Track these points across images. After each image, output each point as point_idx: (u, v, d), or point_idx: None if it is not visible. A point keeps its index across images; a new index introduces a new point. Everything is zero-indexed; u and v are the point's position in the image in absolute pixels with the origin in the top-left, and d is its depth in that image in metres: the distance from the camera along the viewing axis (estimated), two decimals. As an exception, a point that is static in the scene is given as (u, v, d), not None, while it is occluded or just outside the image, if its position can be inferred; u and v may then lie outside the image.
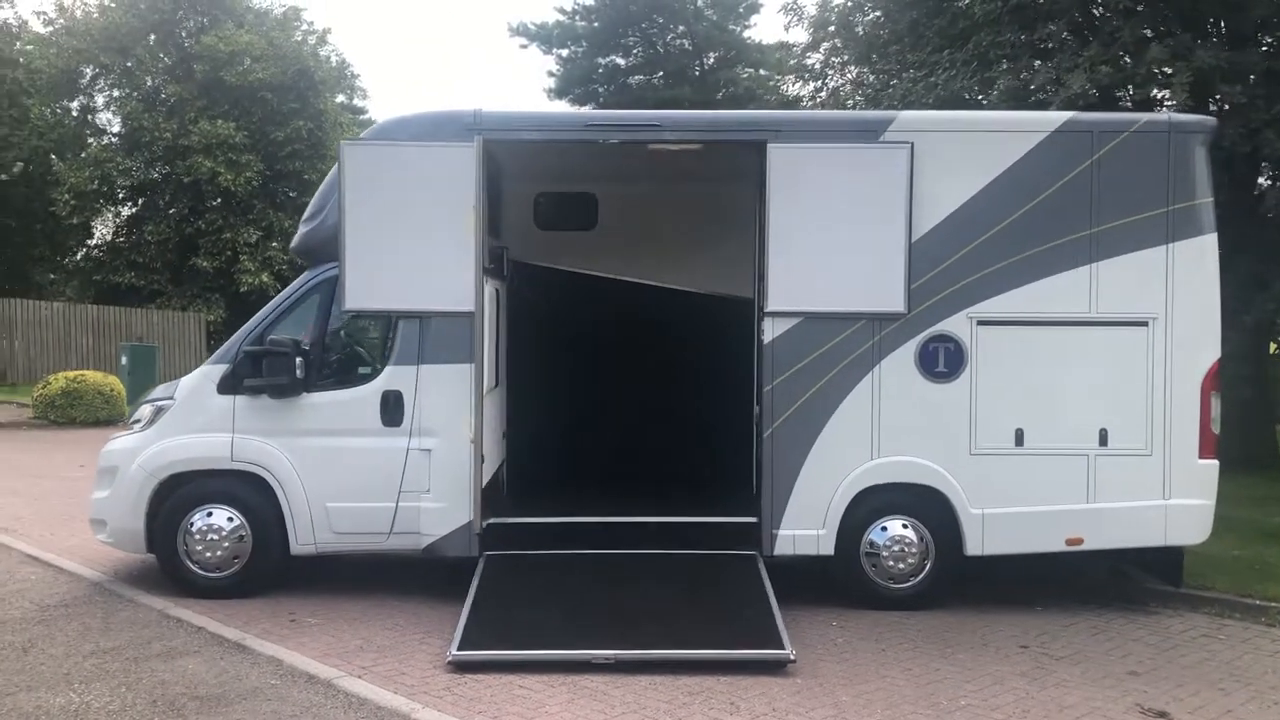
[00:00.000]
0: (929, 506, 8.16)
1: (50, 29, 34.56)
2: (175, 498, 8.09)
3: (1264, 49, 10.92)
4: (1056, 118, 8.36)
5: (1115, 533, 8.15)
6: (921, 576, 8.20)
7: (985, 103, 12.57)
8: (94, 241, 35.82)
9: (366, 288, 7.97)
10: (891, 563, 8.18)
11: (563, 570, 7.87)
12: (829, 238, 8.04)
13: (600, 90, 35.64)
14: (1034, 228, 8.11)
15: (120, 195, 33.52)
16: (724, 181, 9.47)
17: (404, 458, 8.03)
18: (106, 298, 32.09)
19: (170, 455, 8.10)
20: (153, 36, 34.14)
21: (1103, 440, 8.10)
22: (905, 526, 8.20)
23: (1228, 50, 10.52)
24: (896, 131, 8.08)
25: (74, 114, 35.54)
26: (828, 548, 8.12)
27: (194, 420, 8.16)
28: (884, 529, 8.20)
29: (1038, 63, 11.56)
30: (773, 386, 8.11)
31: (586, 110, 8.31)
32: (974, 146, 8.14)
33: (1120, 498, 8.12)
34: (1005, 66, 11.78)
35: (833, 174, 8.04)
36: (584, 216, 10.31)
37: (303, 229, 8.47)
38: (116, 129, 35.06)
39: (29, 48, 34.28)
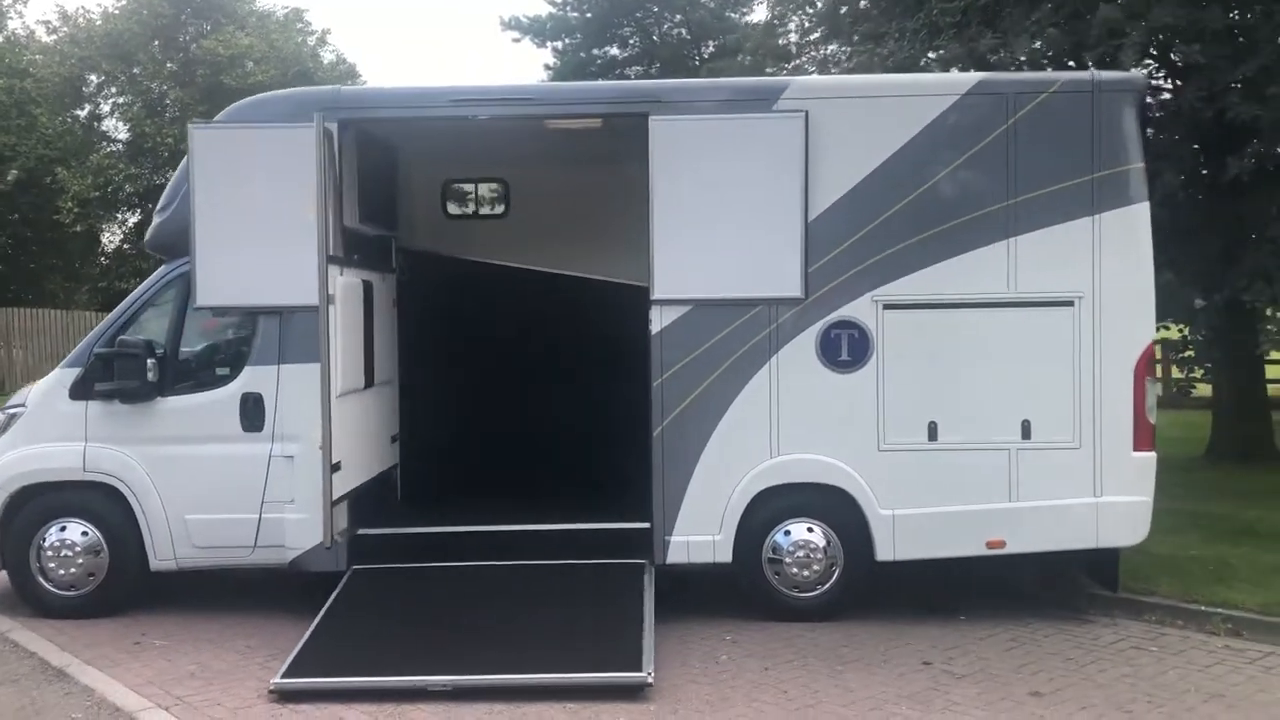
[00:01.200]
0: (835, 508, 7.46)
1: (54, 37, 34.56)
2: (27, 511, 7.59)
3: (1226, 6, 10.04)
4: (967, 79, 7.63)
5: (1041, 534, 7.41)
6: (830, 585, 7.51)
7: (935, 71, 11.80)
8: (101, 249, 35.79)
9: (219, 283, 7.42)
10: (796, 570, 7.49)
11: (430, 585, 7.29)
12: (719, 218, 7.37)
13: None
14: (944, 201, 7.39)
15: (124, 202, 33.40)
16: (640, 162, 8.81)
17: (266, 465, 7.49)
18: (114, 305, 31.92)
19: (20, 466, 7.60)
20: (156, 43, 33.97)
21: (1025, 433, 7.36)
22: (810, 530, 7.51)
23: (1186, 8, 9.66)
24: (791, 99, 7.39)
25: (81, 122, 35.50)
26: (725, 555, 7.44)
27: (45, 429, 7.65)
28: (787, 533, 7.51)
29: (987, 29, 10.78)
30: (662, 381, 7.46)
31: (453, 85, 7.83)
32: (877, 114, 7.43)
33: (1046, 496, 7.38)
34: (953, 33, 11.01)
35: (721, 148, 7.36)
36: (495, 204, 9.73)
37: (156, 220, 7.94)
38: (123, 136, 34.98)
39: (37, 57, 34.28)
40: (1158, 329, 12.60)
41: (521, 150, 9.12)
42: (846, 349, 7.41)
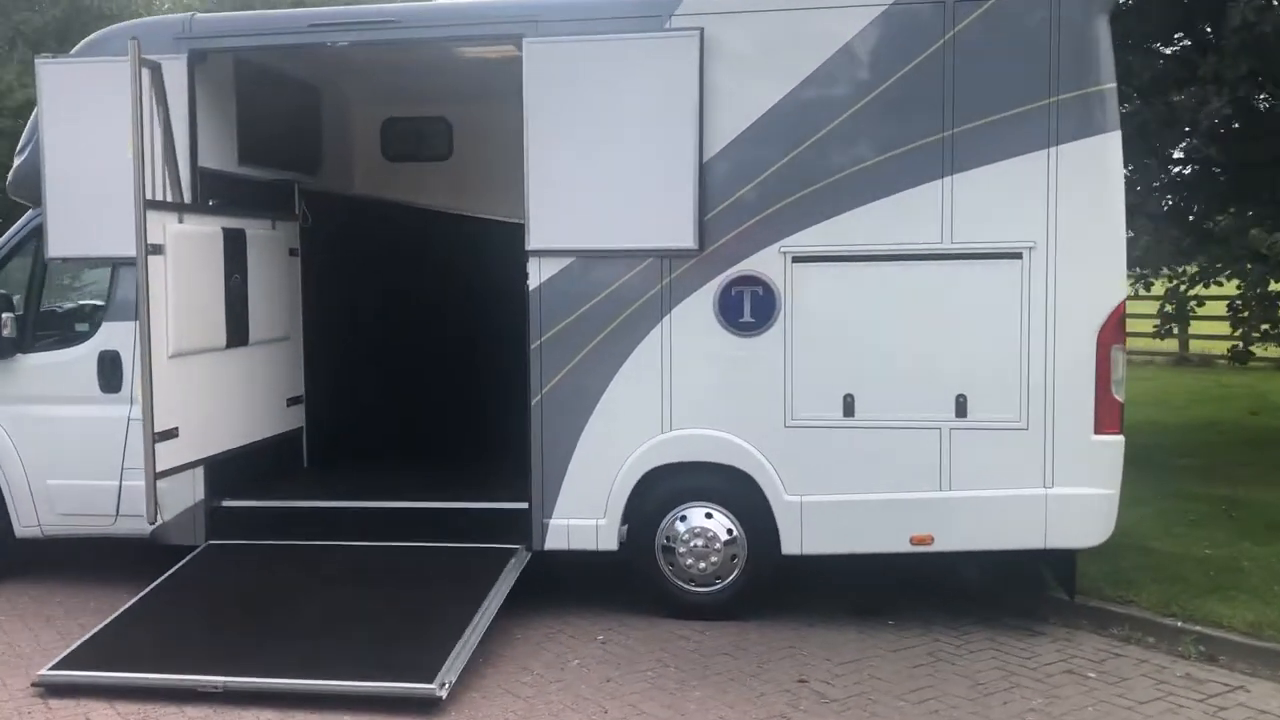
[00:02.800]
0: (738, 492, 6.46)
1: None
2: (-112, 476, 7.25)
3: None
4: None
5: (976, 531, 6.25)
6: (730, 579, 6.53)
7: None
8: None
9: (72, 231, 6.85)
10: (691, 562, 6.54)
11: (275, 567, 6.65)
12: (603, 157, 6.37)
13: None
14: (868, 133, 6.20)
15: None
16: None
17: (125, 429, 6.95)
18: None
19: (-120, 431, 7.25)
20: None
21: (960, 409, 6.18)
22: (709, 516, 6.53)
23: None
24: (686, 15, 6.28)
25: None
26: (609, 541, 6.54)
27: (-93, 388, 7.28)
28: (683, 519, 6.55)
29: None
30: (541, 343, 6.55)
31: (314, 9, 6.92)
32: (788, 30, 6.26)
33: (983, 484, 6.20)
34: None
35: (606, 75, 6.34)
36: (437, 145, 8.95)
37: (15, 162, 7.40)
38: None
39: None
40: (1211, 280, 11.04)
41: (465, 86, 8.29)
42: (749, 308, 6.35)
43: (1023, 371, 6.11)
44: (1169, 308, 10.87)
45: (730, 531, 6.49)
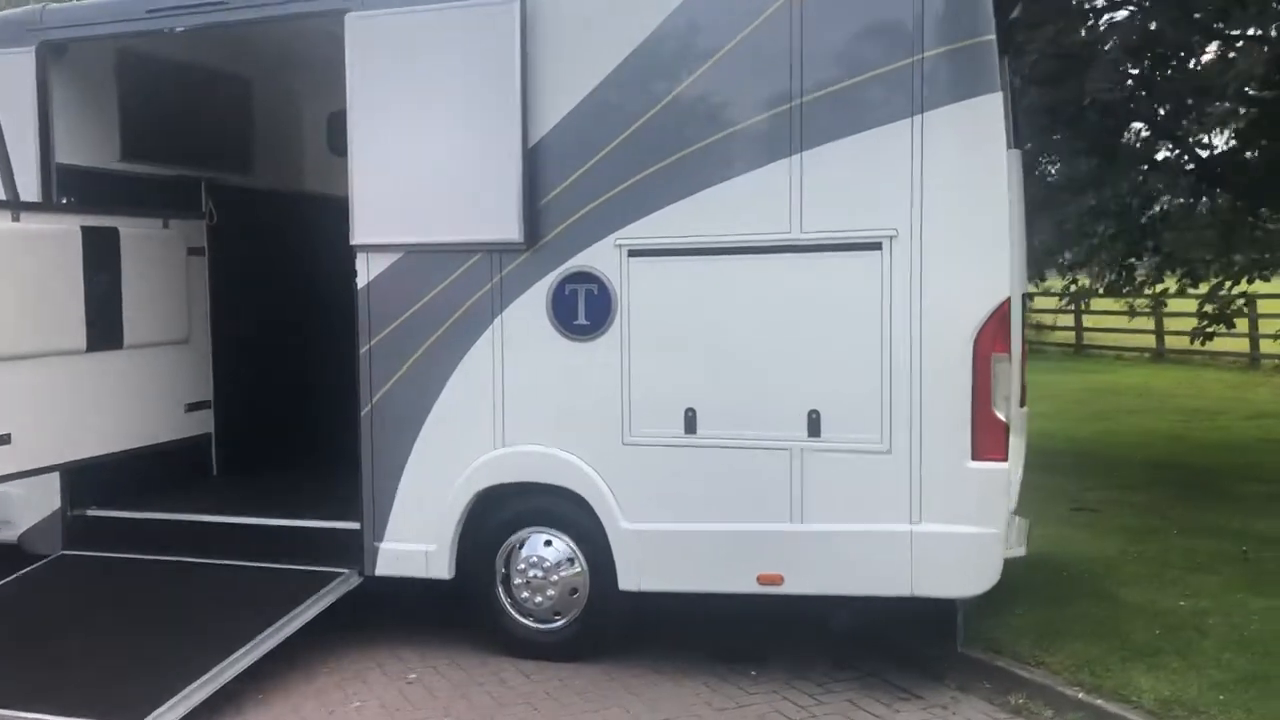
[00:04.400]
0: (579, 518, 5.70)
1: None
2: None
3: None
4: None
5: (831, 572, 5.29)
6: (573, 615, 5.78)
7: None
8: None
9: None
10: (527, 594, 5.82)
11: (92, 583, 6.31)
12: (429, 142, 5.76)
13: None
14: (708, 106, 5.37)
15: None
16: None
17: (-12, 432, 6.75)
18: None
19: None
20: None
21: (813, 428, 5.25)
22: (548, 544, 5.80)
23: None
24: (514, -21, 5.59)
25: None
26: (441, 569, 5.88)
27: None
28: (521, 546, 5.84)
29: None
30: (370, 347, 5.97)
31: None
32: (619, -9, 5.50)
33: (840, 518, 5.25)
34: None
35: (427, 50, 5.73)
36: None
37: None
38: None
39: None
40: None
41: None
42: (584, 309, 5.59)
43: (884, 384, 5.13)
44: (1209, 308, 9.36)
45: (571, 562, 5.74)
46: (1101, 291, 9.93)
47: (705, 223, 5.35)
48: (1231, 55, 7.09)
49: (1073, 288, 10.87)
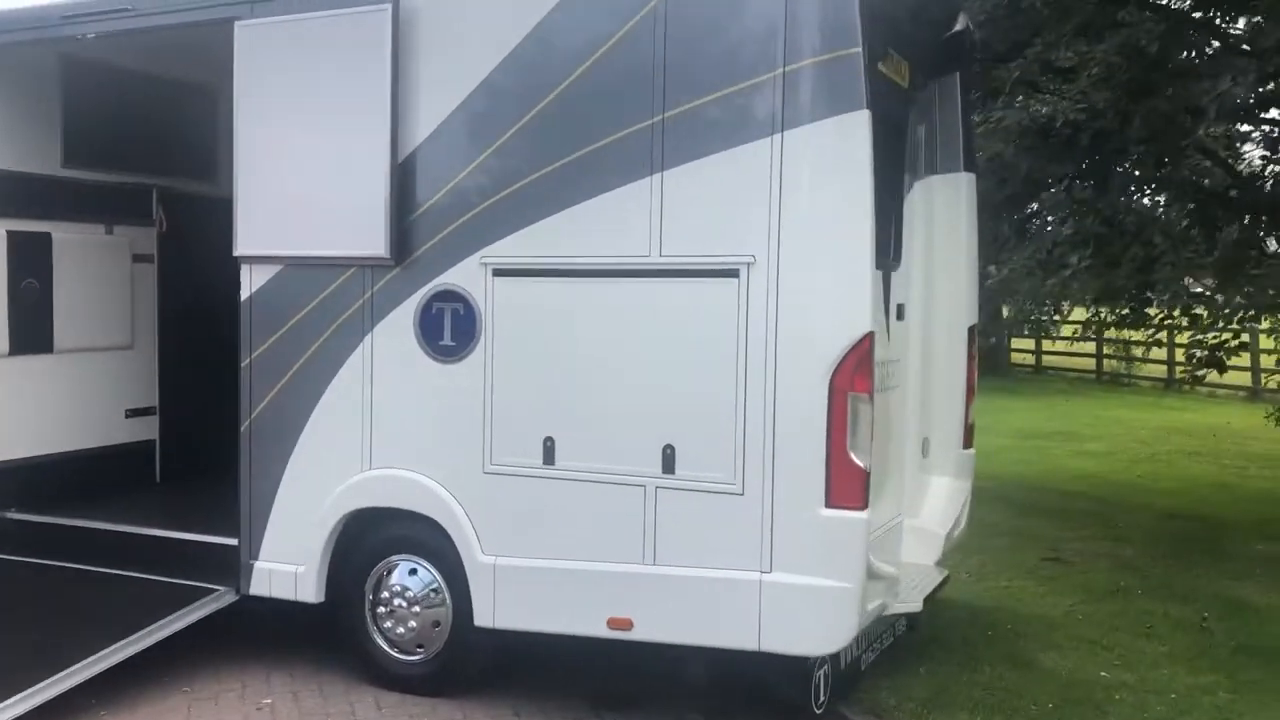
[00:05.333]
0: (443, 547, 5.47)
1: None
2: None
3: None
4: None
5: (681, 619, 4.94)
6: (436, 649, 5.54)
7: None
8: None
9: None
10: (391, 624, 5.61)
11: None
12: (307, 152, 5.62)
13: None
14: (573, 120, 5.09)
15: None
16: None
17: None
18: None
19: None
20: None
21: (668, 464, 4.92)
22: (413, 573, 5.58)
23: None
24: (388, -13, 5.42)
25: None
26: (310, 592, 5.71)
27: None
28: (389, 573, 5.64)
29: None
30: (251, 361, 5.86)
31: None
32: (495, 1, 5.27)
33: (691, 561, 4.90)
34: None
35: (308, 57, 5.60)
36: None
37: None
38: None
39: None
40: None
41: None
42: (450, 329, 5.37)
43: (739, 421, 4.78)
44: (1199, 353, 8.58)
45: (435, 593, 5.51)
46: (1111, 323, 9.27)
47: (567, 243, 5.08)
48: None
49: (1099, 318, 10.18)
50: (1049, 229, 7.52)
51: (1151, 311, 8.46)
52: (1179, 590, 6.95)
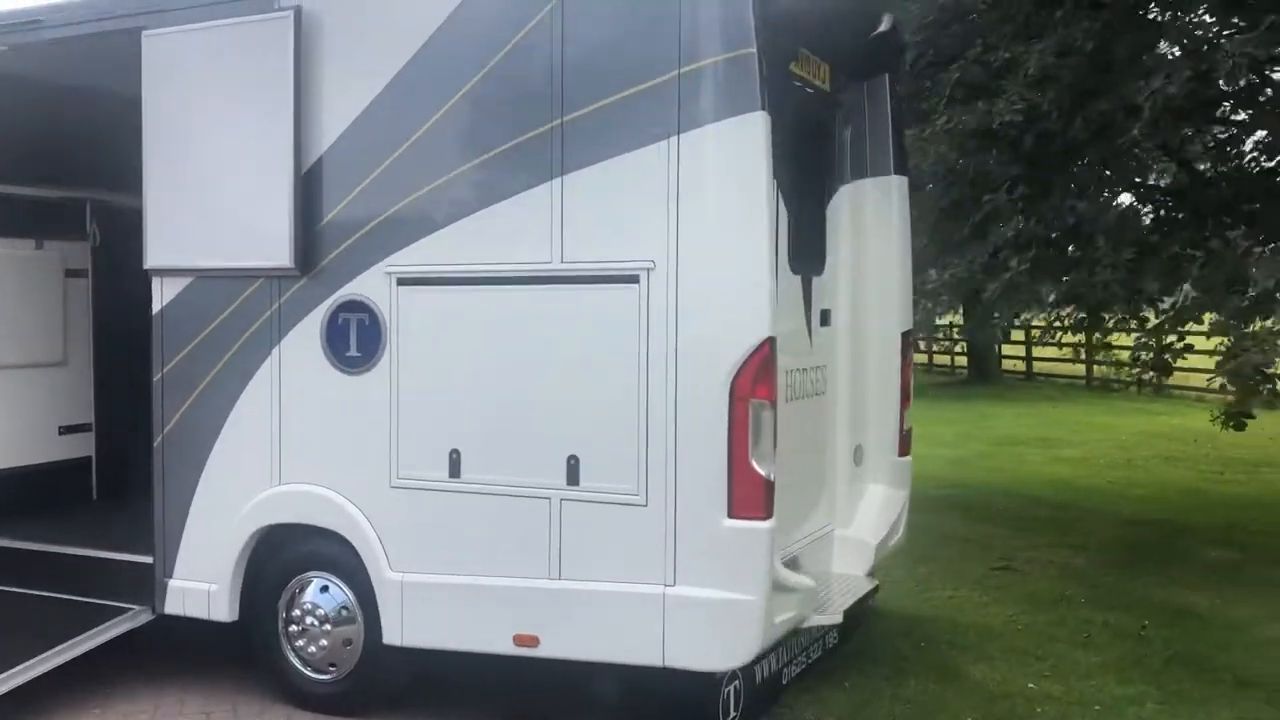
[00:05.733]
0: (353, 564, 5.35)
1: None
2: None
3: None
4: None
5: (587, 635, 4.82)
6: (348, 668, 5.42)
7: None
8: None
9: None
10: (303, 642, 5.49)
11: None
12: (215, 162, 5.53)
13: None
14: (474, 126, 5.01)
15: None
16: None
17: None
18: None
19: None
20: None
21: (572, 475, 4.81)
22: (324, 590, 5.46)
23: None
24: (293, -8, 5.34)
25: None
26: (223, 610, 5.59)
27: None
28: (302, 590, 5.52)
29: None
30: (163, 375, 5.75)
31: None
32: (393, 2, 5.18)
33: (597, 575, 4.78)
34: None
35: (213, 66, 5.51)
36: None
37: None
38: None
39: None
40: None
41: None
42: (355, 340, 5.26)
43: (641, 430, 4.66)
44: (1145, 355, 8.43)
45: (345, 610, 5.39)
46: (1068, 327, 9.13)
47: (470, 250, 4.98)
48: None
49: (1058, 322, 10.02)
50: (992, 233, 7.42)
51: (1106, 315, 8.34)
52: (1125, 598, 6.81)
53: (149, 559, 5.83)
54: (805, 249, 5.65)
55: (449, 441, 5.04)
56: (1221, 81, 6.08)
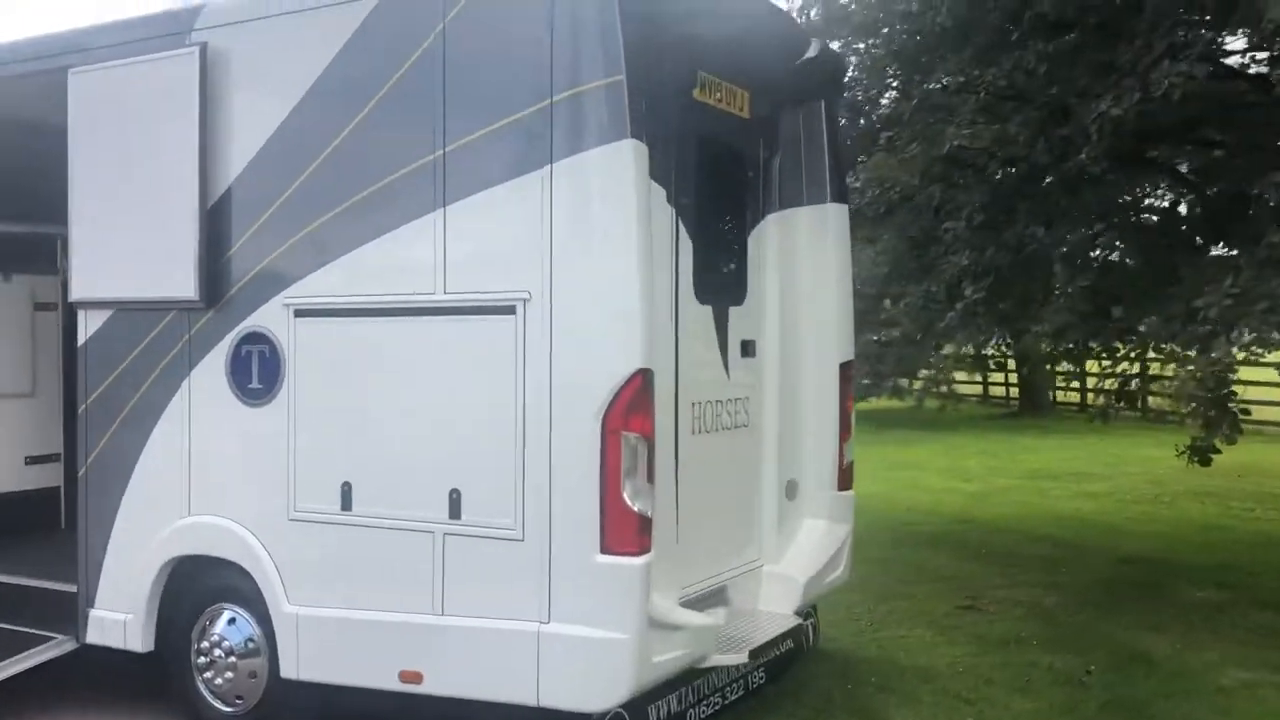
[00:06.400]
0: (255, 595, 5.33)
1: None
2: None
3: None
4: None
5: (467, 673, 4.73)
6: (251, 701, 5.39)
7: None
8: None
9: None
10: (212, 674, 5.48)
11: None
12: (130, 196, 5.61)
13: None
14: (363, 157, 5.00)
15: None
16: None
17: None
18: None
19: None
20: None
21: (454, 509, 4.74)
22: (231, 622, 5.45)
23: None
24: (200, 28, 5.41)
25: None
26: (138, 641, 5.62)
27: None
28: (212, 622, 5.52)
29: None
30: (87, 405, 5.82)
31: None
32: (293, 37, 5.21)
33: (476, 611, 4.70)
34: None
35: (130, 101, 5.59)
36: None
37: None
38: None
39: None
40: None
41: None
42: (257, 372, 5.27)
43: (519, 463, 4.58)
44: (1109, 384, 8.05)
45: (250, 642, 5.37)
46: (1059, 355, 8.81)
47: (361, 282, 4.97)
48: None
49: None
50: (948, 261, 7.21)
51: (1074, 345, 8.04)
52: (1082, 641, 6.52)
53: (74, 588, 5.87)
54: (718, 279, 5.55)
55: (341, 474, 5.01)
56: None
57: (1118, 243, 7.59)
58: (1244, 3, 5.89)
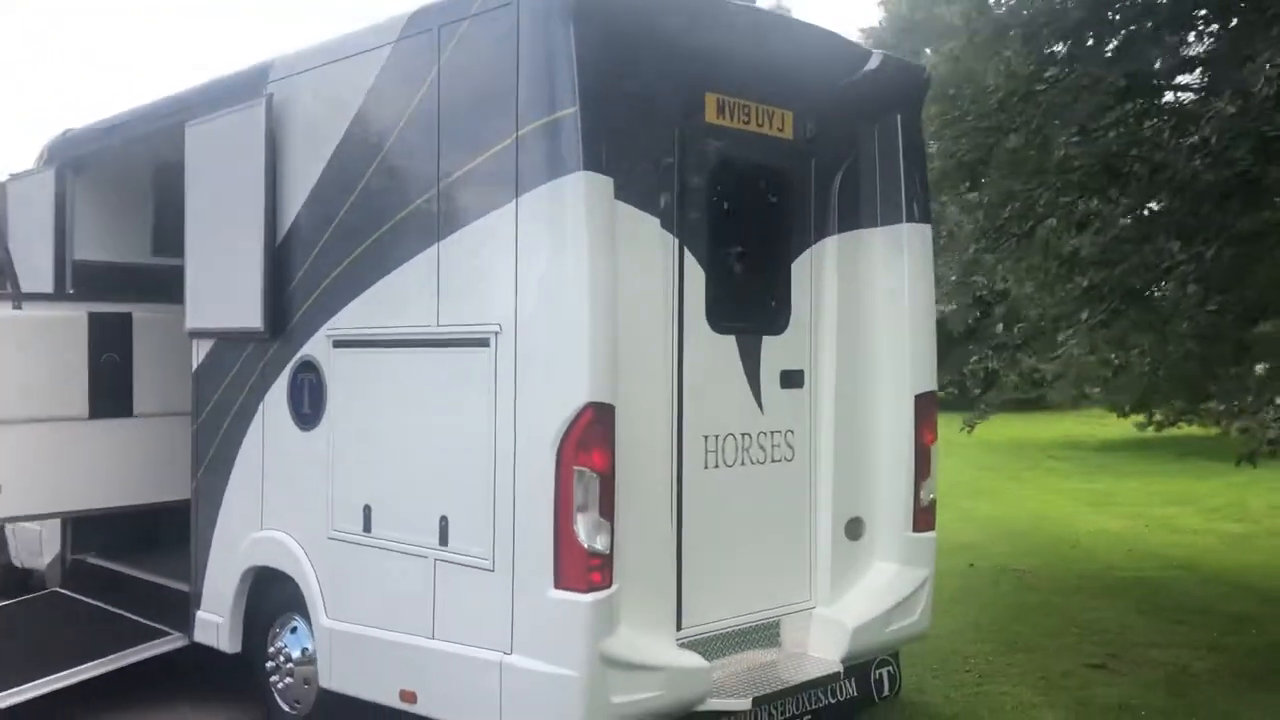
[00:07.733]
0: (307, 607, 5.70)
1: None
2: None
3: None
4: (403, 15, 5.21)
5: (450, 697, 4.84)
6: (306, 708, 5.76)
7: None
8: None
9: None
10: (277, 678, 5.90)
11: (45, 615, 7.28)
12: (221, 235, 6.18)
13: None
14: (384, 195, 5.26)
15: None
16: None
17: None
18: None
19: None
20: None
21: (443, 535, 4.88)
22: (294, 631, 5.85)
23: None
24: (273, 81, 5.87)
25: None
26: (226, 642, 6.14)
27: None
28: (283, 629, 5.94)
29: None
30: (198, 424, 6.45)
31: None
32: (332, 85, 5.55)
33: (458, 637, 4.80)
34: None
35: (222, 150, 6.16)
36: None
37: None
38: None
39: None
40: None
41: None
42: (308, 398, 5.65)
43: (492, 494, 4.64)
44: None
45: (305, 651, 5.74)
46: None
47: (381, 314, 5.22)
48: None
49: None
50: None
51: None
52: (1197, 718, 5.68)
53: (188, 588, 6.50)
54: (743, 308, 5.34)
55: (364, 496, 5.26)
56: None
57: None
58: None
